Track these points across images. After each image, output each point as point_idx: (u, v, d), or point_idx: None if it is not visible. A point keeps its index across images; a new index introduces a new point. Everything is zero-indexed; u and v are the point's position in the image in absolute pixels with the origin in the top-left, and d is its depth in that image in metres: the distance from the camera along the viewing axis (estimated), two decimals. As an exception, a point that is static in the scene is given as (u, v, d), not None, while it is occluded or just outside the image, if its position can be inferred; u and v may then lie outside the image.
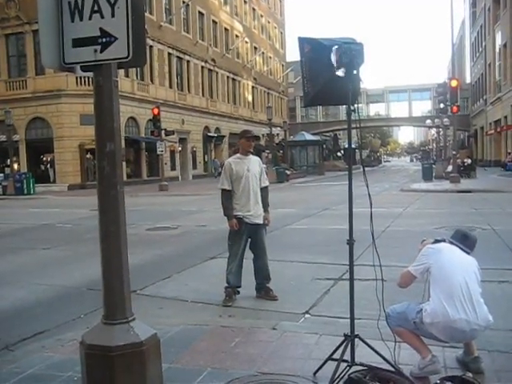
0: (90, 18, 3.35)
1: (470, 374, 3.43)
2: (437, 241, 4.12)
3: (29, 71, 34.32)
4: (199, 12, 47.13)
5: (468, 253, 4.04)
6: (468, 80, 72.97)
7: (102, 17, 3.32)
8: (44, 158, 35.65)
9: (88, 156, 33.20)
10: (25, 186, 29.79)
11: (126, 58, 3.30)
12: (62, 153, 33.55)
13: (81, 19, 3.36)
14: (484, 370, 3.87)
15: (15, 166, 33.81)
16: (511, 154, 40.31)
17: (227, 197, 6.23)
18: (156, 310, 6.02)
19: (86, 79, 31.34)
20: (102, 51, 3.32)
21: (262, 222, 6.30)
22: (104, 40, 3.31)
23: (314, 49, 3.85)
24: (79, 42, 3.37)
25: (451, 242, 4.09)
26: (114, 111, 3.49)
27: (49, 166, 35.24)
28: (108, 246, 3.57)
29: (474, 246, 4.12)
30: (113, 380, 3.45)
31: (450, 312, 3.69)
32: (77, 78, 31.48)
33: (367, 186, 4.09)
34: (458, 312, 3.69)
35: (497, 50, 48.65)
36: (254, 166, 6.29)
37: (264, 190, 6.43)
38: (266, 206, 6.40)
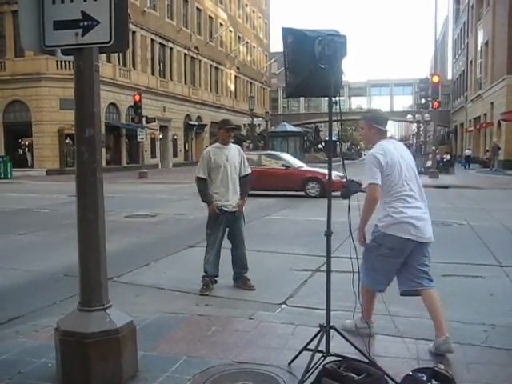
0: (71, 1, 3.31)
1: (442, 366, 3.49)
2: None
3: (8, 53, 33.64)
4: (183, -1, 46.72)
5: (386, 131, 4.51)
6: (449, 76, 73.54)
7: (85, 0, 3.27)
8: (22, 142, 35.06)
9: (67, 141, 32.80)
10: (2, 169, 29.31)
11: (108, 42, 3.27)
12: (40, 137, 33.09)
13: (62, 1, 3.32)
14: (453, 350, 4.09)
15: (-8, 149, 33.28)
16: (489, 152, 40.82)
17: (203, 184, 6.23)
18: (133, 298, 6.00)
19: (67, 63, 30.91)
20: (83, 35, 3.28)
21: (240, 210, 6.32)
22: (86, 23, 3.27)
23: (297, 40, 3.84)
24: (60, 25, 3.33)
25: (371, 126, 4.42)
26: (94, 96, 3.46)
27: (27, 150, 34.69)
28: (85, 233, 3.55)
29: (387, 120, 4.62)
30: (88, 367, 3.44)
31: (405, 213, 4.17)
32: (57, 61, 31.03)
33: (346, 178, 4.13)
34: (415, 208, 4.25)
35: (478, 47, 49.05)
36: (233, 155, 6.28)
37: (245, 178, 6.42)
38: (244, 193, 6.40)
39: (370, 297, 4.51)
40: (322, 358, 3.68)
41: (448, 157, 33.99)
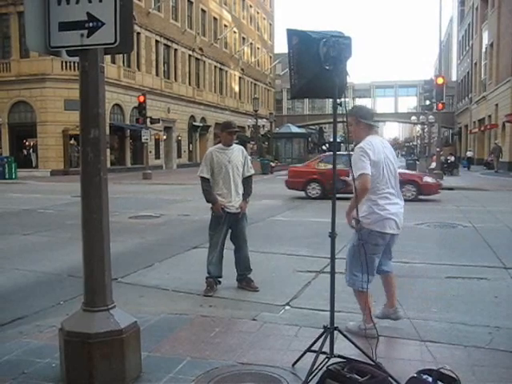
0: (77, 2, 3.31)
1: (448, 367, 3.47)
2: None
3: (13, 54, 33.73)
4: (188, 0, 46.74)
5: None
6: (454, 78, 73.35)
7: (90, 1, 3.28)
8: (27, 143, 35.13)
9: (72, 142, 32.85)
10: (6, 170, 29.39)
11: (113, 43, 3.27)
12: (45, 138, 33.15)
13: (68, 3, 3.33)
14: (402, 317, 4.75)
15: (-3, 149, 33.37)
16: (492, 153, 40.75)
17: (207, 184, 6.24)
18: (137, 299, 6.00)
19: (72, 64, 30.96)
20: (88, 36, 3.29)
21: (243, 211, 6.33)
22: (91, 25, 3.28)
23: (302, 41, 3.84)
24: (66, 26, 3.33)
25: (362, 123, 4.54)
26: (99, 97, 3.47)
27: (31, 150, 34.76)
28: (90, 233, 3.55)
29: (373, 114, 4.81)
30: (92, 367, 3.45)
31: (388, 210, 4.45)
32: (62, 62, 31.10)
33: (353, 180, 4.12)
34: (395, 204, 4.53)
35: (483, 49, 48.92)
36: (236, 157, 6.27)
37: (248, 179, 6.42)
38: (246, 195, 6.40)
39: (366, 297, 4.54)
40: (326, 360, 3.68)
41: (452, 158, 33.90)
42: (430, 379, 3.25)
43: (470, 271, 7.22)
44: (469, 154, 45.00)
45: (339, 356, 3.72)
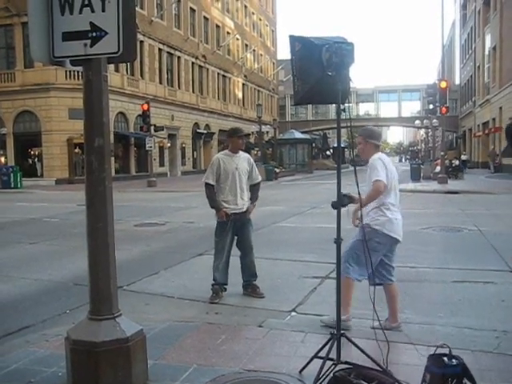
0: (80, 12, 3.33)
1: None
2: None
3: (17, 64, 34.00)
4: (191, 8, 46.97)
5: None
6: (457, 81, 73.30)
7: (93, 11, 3.30)
8: (32, 152, 35.33)
9: (76, 150, 32.99)
10: (12, 179, 29.53)
11: (116, 53, 3.29)
12: (49, 147, 33.31)
13: (71, 13, 3.34)
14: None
15: (2, 159, 33.51)
16: (499, 156, 40.71)
17: (211, 190, 6.24)
18: (142, 306, 6.00)
19: (76, 73, 31.12)
20: (92, 46, 3.30)
21: (250, 211, 6.34)
22: (94, 34, 3.29)
23: (304, 47, 3.85)
24: (69, 36, 3.35)
25: (371, 144, 4.91)
26: (103, 106, 3.48)
27: (36, 159, 34.96)
28: (95, 242, 3.56)
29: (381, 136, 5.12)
30: (98, 376, 3.44)
31: (394, 216, 4.78)
32: (66, 71, 31.27)
33: (357, 185, 4.12)
34: (398, 213, 4.84)
35: (486, 52, 48.91)
36: (242, 164, 6.29)
37: (256, 186, 6.47)
38: (254, 199, 6.42)
39: (351, 288, 4.82)
40: (333, 366, 3.66)
41: (457, 162, 33.83)
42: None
43: (477, 275, 7.19)
44: (463, 157, 46.10)
45: (346, 362, 3.71)
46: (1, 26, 34.52)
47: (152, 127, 30.31)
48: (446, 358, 3.28)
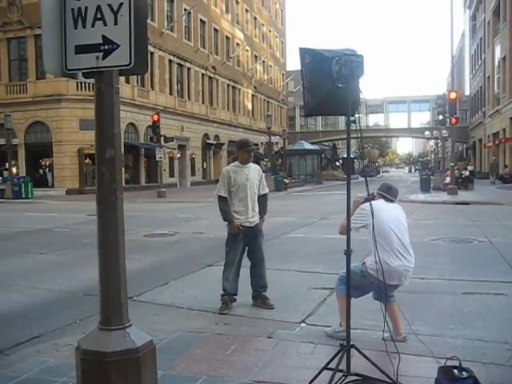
0: (92, 26, 3.37)
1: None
2: (366, 200, 4.61)
3: (29, 75, 34.40)
4: (200, 20, 47.34)
5: (393, 201, 4.99)
6: (467, 92, 73.17)
7: (105, 24, 3.34)
8: (43, 163, 35.61)
9: (87, 161, 33.21)
10: (23, 189, 29.74)
11: (128, 65, 3.32)
12: (60, 157, 33.55)
13: (84, 26, 3.39)
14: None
15: (14, 169, 33.74)
16: (508, 167, 40.53)
17: (224, 203, 6.26)
18: (152, 317, 6.02)
19: (87, 84, 31.37)
20: (103, 58, 3.34)
21: (259, 228, 6.34)
22: (106, 47, 3.33)
23: (314, 60, 3.88)
24: (82, 49, 3.39)
25: (379, 194, 4.93)
26: (114, 118, 3.51)
27: (47, 170, 35.21)
28: (106, 252, 3.58)
29: (397, 195, 5.09)
30: (108, 386, 3.45)
31: (390, 261, 4.63)
32: (77, 82, 31.49)
33: (368, 195, 4.12)
34: (395, 259, 4.67)
35: (496, 63, 48.81)
36: (253, 175, 6.32)
37: (263, 198, 6.46)
38: (262, 212, 6.42)
39: (343, 303, 4.76)
40: (343, 378, 3.65)
41: (467, 173, 33.67)
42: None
43: (487, 287, 7.14)
44: (469, 167, 45.88)
45: (356, 374, 3.70)
46: (14, 39, 35.01)
47: (162, 138, 30.44)
48: (456, 371, 3.26)
